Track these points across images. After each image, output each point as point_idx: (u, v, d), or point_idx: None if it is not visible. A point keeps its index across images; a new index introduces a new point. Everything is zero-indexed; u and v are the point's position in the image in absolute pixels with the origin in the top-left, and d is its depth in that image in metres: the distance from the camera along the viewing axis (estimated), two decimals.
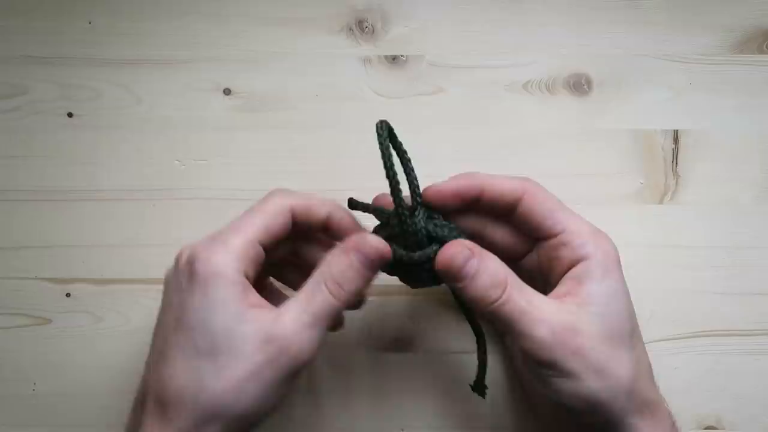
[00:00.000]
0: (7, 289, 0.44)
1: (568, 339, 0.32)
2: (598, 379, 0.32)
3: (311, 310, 0.32)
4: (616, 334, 0.34)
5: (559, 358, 0.32)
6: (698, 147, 0.45)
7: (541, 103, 0.45)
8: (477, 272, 0.33)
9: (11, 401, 0.43)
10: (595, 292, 0.34)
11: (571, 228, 0.35)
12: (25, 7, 0.46)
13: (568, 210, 0.36)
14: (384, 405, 0.43)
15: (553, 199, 0.35)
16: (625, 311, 0.35)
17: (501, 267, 0.34)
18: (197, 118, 0.45)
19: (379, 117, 0.45)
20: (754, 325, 0.43)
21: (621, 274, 0.35)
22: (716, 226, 0.44)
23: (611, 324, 0.34)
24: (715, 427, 0.43)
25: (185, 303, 0.32)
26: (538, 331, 0.32)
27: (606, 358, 0.33)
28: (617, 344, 0.33)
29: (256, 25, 0.46)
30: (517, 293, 0.33)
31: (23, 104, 0.45)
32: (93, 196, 0.45)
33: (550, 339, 0.32)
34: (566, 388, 0.33)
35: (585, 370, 0.32)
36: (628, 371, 0.33)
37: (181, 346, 0.32)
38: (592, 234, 0.35)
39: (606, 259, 0.34)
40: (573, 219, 0.35)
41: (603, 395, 0.32)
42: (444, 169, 0.44)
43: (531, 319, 0.32)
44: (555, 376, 0.33)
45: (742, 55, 0.46)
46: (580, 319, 0.33)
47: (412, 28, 0.46)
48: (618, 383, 0.33)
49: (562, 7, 0.46)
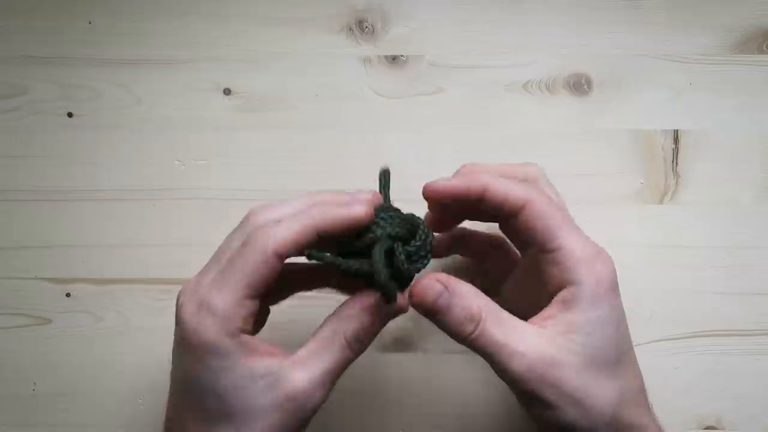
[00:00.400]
0: (7, 289, 0.44)
1: (546, 371, 0.32)
2: (576, 409, 0.32)
3: (329, 367, 0.32)
4: (598, 363, 0.33)
5: (537, 390, 0.32)
6: (698, 147, 0.45)
7: (541, 103, 0.45)
8: (449, 306, 0.32)
9: (11, 401, 0.43)
10: (579, 321, 0.33)
11: (566, 248, 0.33)
12: (25, 7, 0.46)
13: (569, 226, 0.34)
14: (384, 405, 0.43)
15: (554, 213, 0.34)
16: (612, 339, 0.33)
17: (475, 299, 0.33)
18: (197, 118, 0.45)
19: (379, 117, 0.45)
20: (754, 325, 0.43)
21: (614, 300, 0.34)
22: (716, 226, 0.44)
23: (593, 353, 0.33)
24: (715, 427, 0.43)
25: (186, 370, 0.31)
26: (515, 364, 0.32)
27: (585, 388, 0.32)
28: (599, 373, 0.33)
29: (256, 25, 0.46)
30: (492, 326, 0.32)
31: (23, 104, 0.45)
32: (93, 196, 0.45)
33: (526, 373, 0.32)
34: (546, 417, 0.32)
35: (563, 401, 0.32)
36: (610, 400, 0.32)
37: (191, 411, 0.31)
38: (588, 257, 0.33)
39: (597, 287, 0.33)
40: (571, 238, 0.33)
41: (583, 425, 0.32)
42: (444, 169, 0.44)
43: (507, 352, 0.32)
44: (533, 407, 0.32)
45: (742, 55, 0.46)
46: (560, 349, 0.32)
47: (412, 28, 0.46)
48: (598, 412, 0.32)
49: (562, 7, 0.46)
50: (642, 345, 0.42)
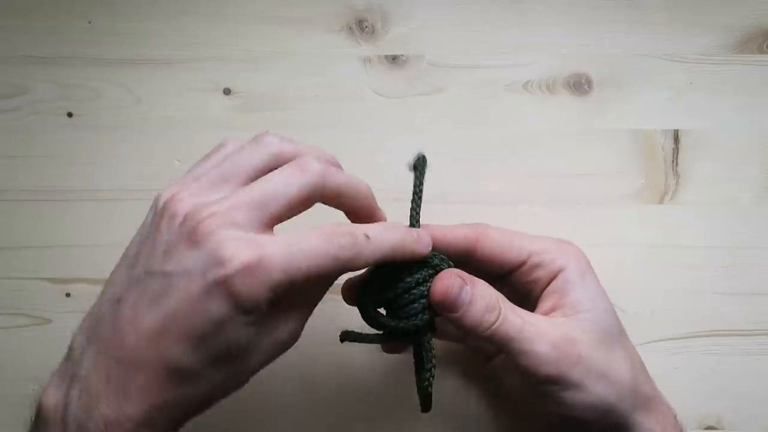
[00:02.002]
0: (7, 289, 0.44)
1: (568, 350, 0.32)
2: (603, 384, 0.33)
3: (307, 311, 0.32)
4: (609, 334, 0.34)
5: (563, 371, 0.32)
6: (698, 147, 0.45)
7: (541, 103, 0.45)
8: (471, 300, 0.33)
9: (11, 401, 0.43)
10: (581, 298, 0.34)
11: (536, 249, 0.35)
12: (25, 7, 0.46)
13: (522, 234, 0.36)
14: (384, 405, 0.43)
15: (506, 231, 0.36)
16: (610, 310, 0.35)
17: (492, 291, 0.34)
18: (197, 118, 0.45)
19: (379, 117, 0.45)
20: (754, 325, 0.43)
21: (596, 275, 0.36)
22: (716, 226, 0.44)
23: (603, 325, 0.34)
24: (715, 427, 0.43)
25: (205, 312, 0.28)
26: (538, 346, 0.32)
27: (605, 362, 0.33)
28: (612, 345, 0.34)
29: (256, 24, 0.46)
30: (511, 314, 0.33)
31: (23, 104, 0.45)
32: (93, 196, 0.45)
33: (551, 353, 0.32)
34: (574, 400, 0.33)
35: (589, 378, 0.32)
36: (628, 370, 0.34)
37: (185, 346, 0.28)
38: (558, 246, 0.35)
39: (579, 265, 0.35)
40: (534, 240, 0.36)
41: (611, 399, 0.33)
42: (444, 168, 0.44)
43: (528, 336, 0.32)
44: (560, 391, 0.33)
45: (742, 55, 0.46)
46: (573, 328, 0.33)
47: (412, 28, 0.46)
48: (621, 384, 0.33)
49: (562, 7, 0.46)
50: (642, 345, 0.42)
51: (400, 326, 0.34)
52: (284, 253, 0.28)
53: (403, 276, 0.33)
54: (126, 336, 0.28)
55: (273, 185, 0.30)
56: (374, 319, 0.34)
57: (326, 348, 0.43)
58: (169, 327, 0.28)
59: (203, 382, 0.29)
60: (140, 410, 0.28)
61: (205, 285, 0.27)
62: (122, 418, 0.28)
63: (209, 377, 0.29)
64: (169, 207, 0.30)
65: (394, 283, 0.34)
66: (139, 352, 0.28)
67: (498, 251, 0.35)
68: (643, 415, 0.34)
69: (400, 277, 0.33)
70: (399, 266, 0.33)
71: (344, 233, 0.29)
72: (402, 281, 0.33)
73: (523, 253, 0.35)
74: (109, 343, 0.29)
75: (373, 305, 0.34)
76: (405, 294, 0.34)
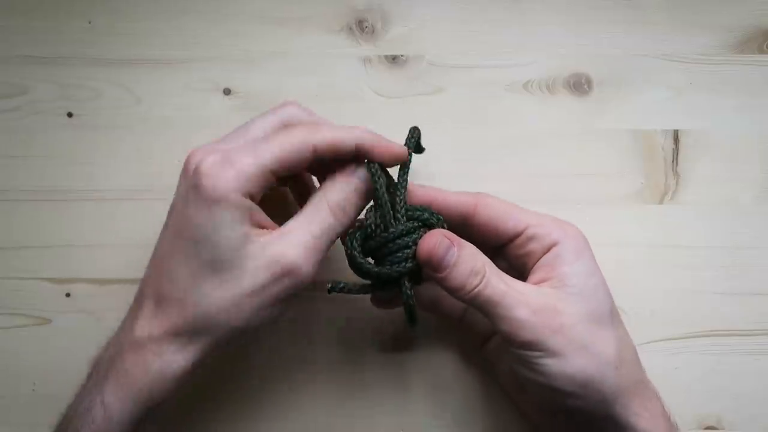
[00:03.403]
0: (7, 289, 0.44)
1: (549, 318, 0.33)
2: (583, 355, 0.33)
3: (315, 232, 0.33)
4: (596, 311, 0.34)
5: (542, 337, 0.32)
6: (698, 147, 0.45)
7: (541, 103, 0.45)
8: (457, 261, 0.33)
9: (11, 401, 0.43)
10: (570, 273, 0.34)
11: (533, 222, 0.36)
12: (25, 7, 0.46)
13: (524, 208, 0.37)
14: (384, 405, 0.43)
15: (506, 203, 0.36)
16: (603, 289, 0.35)
17: (479, 254, 0.34)
18: (197, 118, 0.45)
19: (379, 117, 0.45)
20: (754, 325, 0.43)
21: (593, 256, 0.36)
22: (716, 226, 0.44)
23: (590, 302, 0.34)
24: (715, 427, 0.43)
25: (188, 216, 0.32)
26: (519, 312, 0.33)
27: (589, 335, 0.33)
28: (599, 322, 0.34)
29: (256, 24, 0.46)
30: (495, 278, 0.33)
31: (23, 104, 0.45)
32: (93, 196, 0.45)
33: (531, 318, 0.32)
34: (553, 368, 0.33)
35: (569, 347, 0.33)
36: (613, 348, 0.34)
37: (184, 254, 0.32)
38: (557, 222, 0.36)
39: (576, 242, 0.35)
40: (532, 214, 0.36)
41: (590, 371, 0.33)
42: (444, 168, 0.44)
43: (510, 301, 0.33)
44: (540, 357, 0.33)
45: (742, 55, 0.46)
46: (559, 299, 0.33)
47: (411, 28, 0.46)
48: (604, 359, 0.33)
49: (561, 7, 0.46)
50: (642, 345, 0.42)
51: (383, 272, 0.35)
52: (251, 153, 0.32)
53: (391, 226, 0.35)
54: (152, 269, 0.35)
55: (273, 138, 0.33)
56: (357, 264, 0.35)
57: (325, 350, 0.43)
58: (172, 246, 0.33)
59: (204, 300, 0.32)
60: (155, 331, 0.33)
61: (186, 195, 0.32)
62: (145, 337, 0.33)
63: (208, 292, 0.32)
64: (186, 162, 0.34)
65: (383, 232, 0.35)
66: (148, 277, 0.34)
67: (495, 220, 0.36)
68: (628, 398, 0.34)
69: (388, 227, 0.35)
70: (389, 217, 0.35)
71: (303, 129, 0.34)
72: (388, 231, 0.35)
73: (520, 224, 0.36)
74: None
75: (360, 251, 0.35)
76: (390, 243, 0.35)
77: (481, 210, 0.36)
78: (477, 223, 0.36)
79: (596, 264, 0.36)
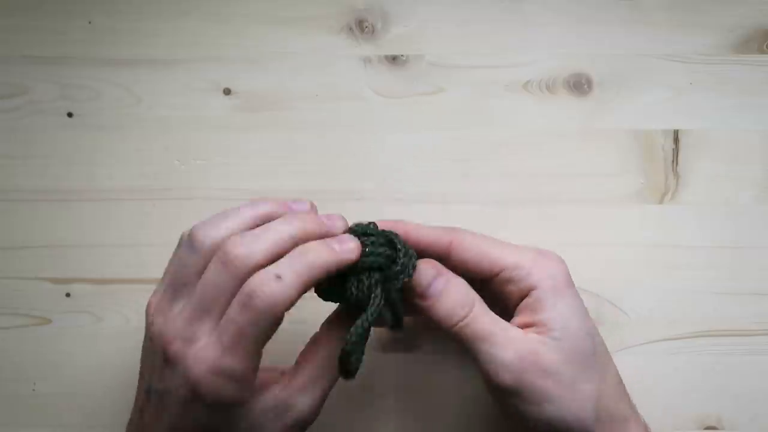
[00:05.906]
0: (7, 289, 0.44)
1: (535, 361, 0.32)
2: (563, 402, 0.33)
3: (326, 388, 0.34)
4: (578, 355, 0.34)
5: (526, 381, 0.32)
6: (698, 147, 0.45)
7: (541, 103, 0.45)
8: (443, 291, 0.33)
9: (11, 401, 0.43)
10: (550, 318, 0.34)
11: (509, 263, 0.35)
12: (25, 7, 0.46)
13: (500, 243, 0.35)
14: (384, 405, 0.43)
15: (481, 239, 0.35)
16: (583, 330, 0.35)
17: (469, 289, 0.34)
18: (197, 118, 0.45)
19: (379, 117, 0.45)
20: (754, 325, 0.43)
21: (573, 291, 0.35)
22: (716, 226, 0.44)
23: (572, 346, 0.34)
24: (715, 427, 0.43)
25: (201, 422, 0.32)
26: (505, 353, 0.32)
27: (570, 381, 0.33)
28: (581, 365, 0.34)
29: (256, 24, 0.46)
30: (484, 316, 0.33)
31: (23, 104, 0.45)
32: (93, 196, 0.45)
33: (516, 362, 0.32)
34: (531, 413, 0.33)
35: (551, 393, 0.32)
36: (593, 391, 0.33)
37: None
38: (533, 261, 0.35)
39: (554, 283, 0.34)
40: (508, 252, 0.35)
41: (568, 418, 0.33)
42: (444, 168, 0.44)
43: (497, 341, 0.33)
44: (518, 402, 0.33)
45: (742, 55, 0.46)
46: (541, 343, 0.33)
47: (412, 28, 0.46)
48: (583, 405, 0.33)
49: (561, 7, 0.46)
50: (642, 345, 0.42)
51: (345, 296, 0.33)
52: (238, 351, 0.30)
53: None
54: None
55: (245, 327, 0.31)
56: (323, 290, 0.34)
57: None
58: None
59: None
60: None
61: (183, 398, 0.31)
62: None
63: None
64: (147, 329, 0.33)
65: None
66: None
67: (471, 260, 0.35)
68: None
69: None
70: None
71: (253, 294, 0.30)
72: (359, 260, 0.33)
73: (495, 267, 0.35)
74: None
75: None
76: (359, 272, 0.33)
77: (456, 249, 0.35)
78: (453, 263, 0.35)
79: (578, 300, 0.35)
